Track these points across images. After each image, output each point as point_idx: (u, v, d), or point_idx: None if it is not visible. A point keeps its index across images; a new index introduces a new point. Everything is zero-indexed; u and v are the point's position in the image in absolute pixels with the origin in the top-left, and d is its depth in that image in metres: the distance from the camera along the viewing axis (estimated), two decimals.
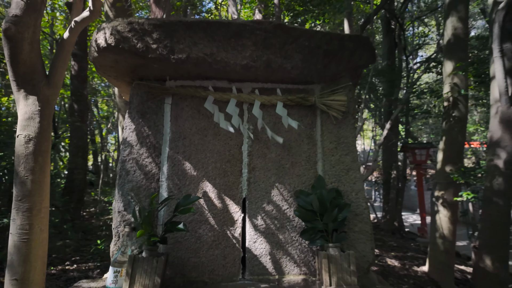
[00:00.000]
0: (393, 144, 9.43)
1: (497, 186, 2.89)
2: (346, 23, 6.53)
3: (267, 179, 1.86)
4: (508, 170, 2.88)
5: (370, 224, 1.85)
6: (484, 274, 2.93)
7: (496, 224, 2.87)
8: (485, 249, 2.91)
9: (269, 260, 1.77)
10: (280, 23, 1.68)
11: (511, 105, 2.85)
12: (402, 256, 5.61)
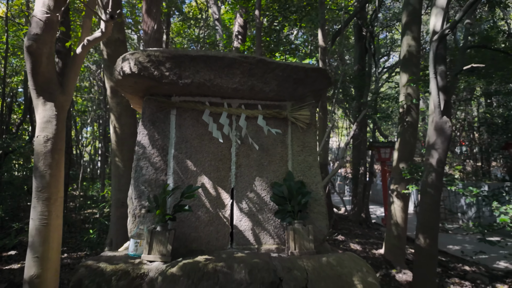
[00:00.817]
0: (362, 143, 10.30)
1: (431, 180, 3.64)
2: (320, 33, 7.20)
3: (250, 173, 2.45)
4: (439, 168, 3.63)
5: (325, 207, 2.49)
6: (420, 250, 3.69)
7: (429, 210, 3.63)
8: (421, 229, 3.67)
9: (251, 234, 2.37)
10: (262, 58, 2.25)
11: (443, 116, 3.60)
12: (364, 242, 6.43)
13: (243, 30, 9.21)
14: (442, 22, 3.52)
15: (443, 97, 3.63)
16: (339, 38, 8.44)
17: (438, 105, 3.57)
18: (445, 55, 3.79)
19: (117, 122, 4.84)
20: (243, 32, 9.21)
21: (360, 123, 9.86)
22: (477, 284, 5.00)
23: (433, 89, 3.55)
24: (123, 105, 4.84)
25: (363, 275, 1.98)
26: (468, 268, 5.77)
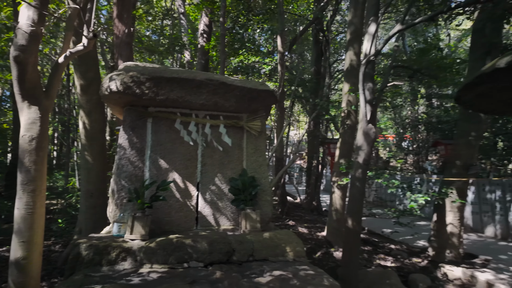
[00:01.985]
0: (315, 138, 11.35)
1: (358, 175, 4.55)
2: (279, 40, 7.90)
3: (213, 170, 3.09)
4: (364, 165, 4.55)
5: (271, 196, 3.23)
6: (348, 230, 4.61)
7: (355, 199, 4.54)
8: (349, 214, 4.59)
9: (212, 218, 3.03)
10: (224, 82, 2.88)
11: (368, 124, 4.50)
12: (311, 226, 7.40)
13: (208, 29, 9.61)
14: (370, 47, 4.38)
15: (370, 109, 4.53)
16: (300, 38, 9.23)
17: (365, 115, 4.46)
18: (373, 74, 4.67)
19: (87, 119, 5.14)
20: (208, 31, 9.62)
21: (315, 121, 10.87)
22: (398, 259, 6.16)
23: (362, 102, 4.43)
24: (93, 103, 5.14)
25: (294, 245, 2.74)
26: (394, 246, 6.99)
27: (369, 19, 4.65)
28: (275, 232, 2.87)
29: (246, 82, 3.07)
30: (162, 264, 2.43)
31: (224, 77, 3.08)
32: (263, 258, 2.64)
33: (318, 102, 8.06)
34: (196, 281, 2.17)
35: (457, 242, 5.84)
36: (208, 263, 2.52)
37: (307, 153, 12.94)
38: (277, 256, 2.67)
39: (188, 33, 12.66)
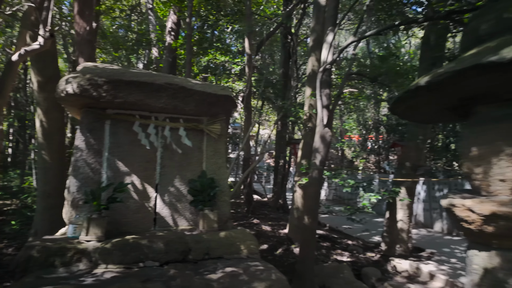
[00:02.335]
0: (282, 139, 11.65)
1: (314, 175, 4.82)
2: (246, 42, 8.05)
3: (172, 172, 3.17)
4: (320, 166, 4.83)
5: (229, 196, 3.37)
6: (305, 227, 4.87)
7: (312, 198, 4.82)
8: (306, 212, 4.86)
9: (171, 219, 3.11)
10: (183, 86, 2.96)
11: (325, 128, 4.77)
12: (275, 224, 7.64)
13: (176, 27, 9.52)
14: (327, 55, 4.66)
15: (326, 113, 4.81)
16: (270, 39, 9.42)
17: (322, 119, 4.73)
18: (330, 81, 4.96)
19: (45, 117, 4.98)
20: (176, 29, 9.53)
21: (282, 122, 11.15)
22: (353, 254, 6.57)
23: (319, 107, 4.69)
24: (51, 100, 4.98)
25: (248, 243, 2.90)
26: (351, 242, 7.42)
27: (323, 30, 4.93)
28: (231, 231, 3.02)
29: (206, 87, 3.18)
30: (117, 264, 2.49)
31: (184, 81, 3.16)
32: (218, 256, 2.78)
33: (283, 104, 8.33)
34: (150, 280, 2.26)
35: (406, 237, 6.35)
36: (164, 262, 2.61)
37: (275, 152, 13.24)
38: (232, 254, 2.82)
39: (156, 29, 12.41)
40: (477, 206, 1.84)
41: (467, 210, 1.90)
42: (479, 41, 2.08)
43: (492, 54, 1.64)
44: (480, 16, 2.16)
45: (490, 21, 2.05)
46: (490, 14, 2.07)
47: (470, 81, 1.80)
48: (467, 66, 1.71)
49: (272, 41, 15.82)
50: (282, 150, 12.15)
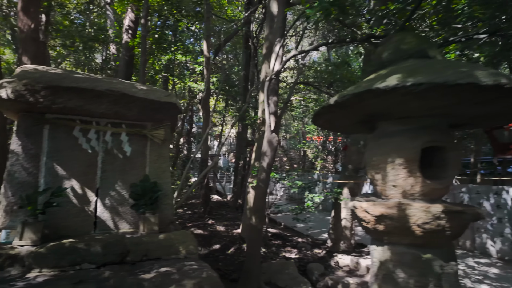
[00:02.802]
0: (242, 140, 11.89)
1: (262, 177, 5.10)
2: (205, 45, 8.16)
3: (113, 177, 3.24)
4: (268, 169, 5.12)
5: (172, 199, 3.51)
6: (252, 227, 5.14)
7: (259, 198, 5.09)
8: (253, 212, 5.12)
9: (112, 222, 3.19)
10: (125, 93, 3.05)
11: (272, 133, 5.06)
12: (230, 224, 7.84)
13: (134, 25, 9.36)
14: (273, 65, 4.95)
15: (274, 119, 5.10)
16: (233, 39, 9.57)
17: (269, 125, 5.01)
18: (277, 89, 5.28)
19: None
20: (134, 27, 9.37)
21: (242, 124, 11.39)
22: (302, 250, 6.96)
23: (266, 113, 4.97)
24: None
25: (187, 244, 3.07)
26: (301, 239, 7.84)
27: (275, 39, 5.22)
28: (172, 233, 3.16)
29: (150, 93, 3.28)
30: (52, 268, 2.53)
31: (128, 87, 3.23)
32: (157, 257, 2.92)
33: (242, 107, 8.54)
34: (84, 281, 2.35)
35: (349, 234, 6.86)
36: (101, 264, 2.70)
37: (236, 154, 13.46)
38: (170, 255, 2.97)
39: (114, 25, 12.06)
40: (370, 208, 2.18)
41: (364, 211, 2.24)
42: (382, 65, 2.44)
43: (381, 81, 1.96)
44: (384, 44, 2.52)
45: (390, 50, 2.41)
46: (390, 44, 2.43)
47: (366, 102, 2.12)
48: (362, 91, 2.02)
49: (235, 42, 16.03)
50: (242, 151, 12.39)
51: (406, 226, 2.04)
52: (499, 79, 1.74)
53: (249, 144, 11.41)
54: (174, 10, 10.19)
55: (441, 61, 2.11)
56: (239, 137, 12.54)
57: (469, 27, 2.72)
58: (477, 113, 2.13)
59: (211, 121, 8.14)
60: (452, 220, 2.00)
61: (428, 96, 1.88)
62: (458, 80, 1.74)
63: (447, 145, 2.26)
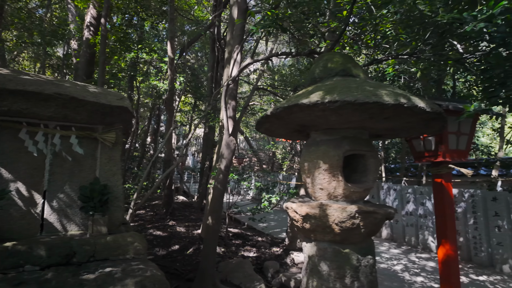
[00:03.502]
0: (208, 141, 11.98)
1: (219, 179, 5.27)
2: (169, 45, 8.18)
3: (62, 179, 3.26)
4: (225, 171, 5.30)
5: (123, 202, 3.58)
6: (208, 227, 5.29)
7: (216, 200, 5.27)
8: (210, 213, 5.28)
9: (59, 224, 3.21)
10: (74, 96, 3.09)
11: (230, 136, 5.25)
12: (192, 225, 7.93)
13: (96, 22, 9.13)
14: (231, 71, 5.15)
15: (232, 123, 5.30)
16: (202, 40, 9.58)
17: (227, 128, 5.21)
18: (236, 94, 5.49)
19: None
20: (96, 24, 9.15)
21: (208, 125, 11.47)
22: (260, 249, 7.22)
23: (224, 117, 5.16)
24: None
25: (135, 245, 3.17)
26: (261, 238, 8.11)
27: (235, 46, 5.42)
28: (120, 234, 3.25)
29: (101, 97, 3.33)
30: None
31: (80, 90, 3.26)
32: (104, 258, 2.99)
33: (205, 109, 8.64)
34: (24, 283, 2.40)
35: None
36: (46, 266, 2.73)
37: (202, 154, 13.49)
38: (118, 256, 3.06)
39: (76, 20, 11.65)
40: (298, 208, 2.44)
41: (294, 212, 2.49)
42: (314, 81, 2.71)
43: (306, 97, 2.22)
44: (316, 62, 2.80)
45: (320, 67, 2.69)
46: (320, 62, 2.71)
47: (295, 115, 2.38)
48: (291, 105, 2.27)
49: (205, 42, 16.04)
50: (208, 151, 12.48)
51: (327, 224, 2.32)
52: (399, 99, 2.06)
53: (214, 145, 11.53)
54: (140, 8, 10.09)
55: (359, 80, 2.41)
56: (206, 138, 12.62)
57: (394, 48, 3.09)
58: (389, 126, 2.46)
59: (174, 121, 8.17)
60: (365, 219, 2.31)
61: (343, 112, 2.16)
62: (366, 99, 2.04)
63: (367, 153, 2.57)
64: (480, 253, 6.56)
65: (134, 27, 10.28)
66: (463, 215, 6.93)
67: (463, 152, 2.85)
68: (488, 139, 22.59)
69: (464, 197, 6.95)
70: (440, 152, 2.80)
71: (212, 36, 12.21)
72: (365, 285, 2.39)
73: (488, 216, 6.47)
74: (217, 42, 11.97)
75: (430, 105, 2.14)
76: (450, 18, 2.19)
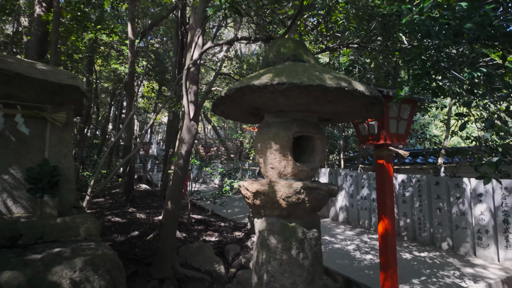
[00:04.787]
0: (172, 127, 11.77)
1: (180, 164, 5.27)
2: (129, 27, 7.86)
3: (6, 160, 3.10)
4: (186, 156, 5.30)
5: (75, 184, 3.49)
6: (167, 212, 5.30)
7: (176, 185, 5.27)
8: (169, 198, 5.28)
9: (4, 206, 3.07)
10: (19, 73, 2.92)
11: (191, 121, 5.24)
12: (153, 212, 7.85)
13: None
14: (192, 54, 5.11)
15: (193, 108, 5.29)
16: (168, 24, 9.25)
17: (188, 113, 5.19)
18: (197, 79, 5.46)
19: None
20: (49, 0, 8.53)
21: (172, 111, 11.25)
22: (222, 233, 7.35)
23: (185, 101, 5.13)
24: None
25: (87, 226, 3.12)
26: (223, 224, 8.24)
27: (196, 29, 5.37)
28: (72, 216, 3.18)
29: (50, 75, 3.18)
30: None
31: (26, 67, 3.08)
32: (53, 240, 2.93)
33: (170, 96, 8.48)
34: None
35: None
36: None
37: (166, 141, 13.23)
38: (69, 237, 3.00)
39: None
40: (249, 186, 2.56)
41: (245, 189, 2.61)
42: (268, 65, 2.81)
43: (257, 79, 2.31)
44: (270, 46, 2.90)
45: (274, 52, 2.79)
46: (274, 47, 2.81)
47: (248, 97, 2.46)
48: (243, 86, 2.35)
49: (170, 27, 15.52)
50: (172, 139, 12.27)
51: (275, 200, 2.46)
52: (341, 83, 2.22)
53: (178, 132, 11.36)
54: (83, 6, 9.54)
55: (308, 65, 2.54)
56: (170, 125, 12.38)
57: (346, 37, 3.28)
58: (334, 110, 2.64)
59: (134, 106, 7.93)
60: (310, 194, 2.48)
61: (291, 94, 2.28)
62: (310, 82, 2.17)
63: (314, 135, 2.74)
64: (423, 232, 7.21)
65: (93, 6, 9.69)
66: (410, 198, 7.54)
67: (402, 136, 3.13)
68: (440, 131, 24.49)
69: (412, 182, 7.55)
70: (382, 136, 3.05)
71: (177, 20, 11.89)
72: (310, 256, 2.58)
73: (431, 199, 7.10)
74: (182, 26, 11.67)
75: (369, 89, 2.33)
76: (389, 10, 2.38)
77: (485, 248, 5.95)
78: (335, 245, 6.67)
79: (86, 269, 2.37)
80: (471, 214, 6.24)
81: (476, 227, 6.12)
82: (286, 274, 2.51)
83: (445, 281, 4.74)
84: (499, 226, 5.77)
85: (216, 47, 9.13)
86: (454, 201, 6.57)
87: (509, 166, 8.18)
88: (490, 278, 4.89)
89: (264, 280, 2.61)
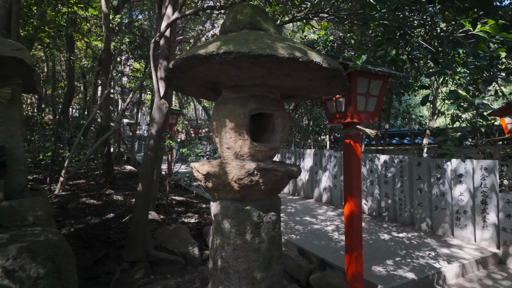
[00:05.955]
0: None
1: (151, 145, 5.05)
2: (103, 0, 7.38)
3: None
4: (157, 136, 5.07)
5: (25, 166, 3.26)
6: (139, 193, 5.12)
7: (147, 166, 5.07)
8: (141, 179, 5.09)
9: None
10: None
11: (161, 99, 4.97)
12: (131, 194, 7.68)
13: None
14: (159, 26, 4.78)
15: (163, 85, 5.00)
16: None
17: (158, 91, 4.92)
18: (167, 54, 5.14)
19: None
20: None
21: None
22: (202, 215, 7.26)
23: (154, 79, 4.85)
24: None
25: (36, 210, 2.93)
26: (205, 205, 8.14)
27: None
28: (19, 200, 2.97)
29: None
30: None
31: None
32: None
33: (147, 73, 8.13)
34: None
35: None
36: None
37: (149, 122, 12.93)
38: (15, 222, 2.81)
39: None
40: (200, 167, 2.37)
41: (196, 171, 2.42)
42: (224, 33, 2.55)
43: (203, 48, 2.06)
44: (227, 13, 2.62)
45: (230, 19, 2.53)
46: (231, 13, 2.54)
47: (197, 69, 2.22)
48: (189, 56, 2.10)
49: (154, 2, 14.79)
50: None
51: (226, 182, 2.28)
52: (294, 52, 1.99)
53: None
54: None
55: (263, 33, 2.29)
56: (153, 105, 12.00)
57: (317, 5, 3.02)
58: (293, 84, 2.42)
59: (110, 85, 7.58)
60: (264, 176, 2.30)
61: (241, 66, 2.05)
62: (260, 51, 1.93)
63: (275, 113, 2.53)
64: (404, 213, 7.20)
65: None
66: (392, 179, 7.49)
67: (371, 114, 2.94)
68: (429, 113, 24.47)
69: (394, 163, 7.47)
70: (349, 114, 2.86)
71: None
72: (266, 241, 2.44)
73: (412, 180, 7.05)
74: None
75: (327, 61, 2.10)
76: None
77: (462, 229, 5.95)
78: (314, 226, 6.63)
79: (21, 256, 2.19)
80: (451, 195, 6.21)
81: (455, 208, 6.10)
82: (240, 260, 2.38)
83: (419, 261, 4.73)
84: (477, 207, 5.75)
85: (199, 22, 8.66)
86: (435, 181, 6.51)
87: (492, 146, 8.14)
88: (465, 259, 4.89)
89: (218, 266, 2.47)
